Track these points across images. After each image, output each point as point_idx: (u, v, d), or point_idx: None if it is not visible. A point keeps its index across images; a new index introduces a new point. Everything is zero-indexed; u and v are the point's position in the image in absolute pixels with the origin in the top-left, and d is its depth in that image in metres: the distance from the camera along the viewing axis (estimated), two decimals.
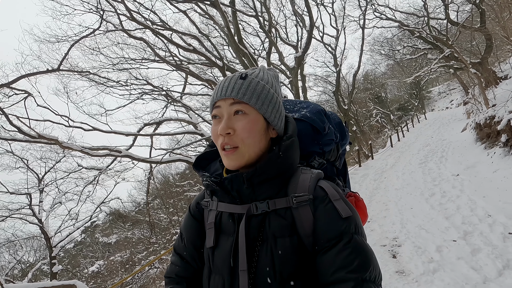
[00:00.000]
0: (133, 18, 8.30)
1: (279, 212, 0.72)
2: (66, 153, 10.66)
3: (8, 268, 13.70)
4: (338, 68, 15.58)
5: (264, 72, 0.80)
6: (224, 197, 0.77)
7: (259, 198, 0.74)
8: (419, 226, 4.51)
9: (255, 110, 0.74)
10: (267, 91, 0.76)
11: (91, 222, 15.94)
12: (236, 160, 0.73)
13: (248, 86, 0.74)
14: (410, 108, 30.63)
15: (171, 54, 10.48)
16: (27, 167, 11.21)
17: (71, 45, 7.35)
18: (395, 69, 29.87)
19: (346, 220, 0.68)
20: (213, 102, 0.77)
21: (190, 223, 0.87)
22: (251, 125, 0.73)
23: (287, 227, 0.70)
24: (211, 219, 0.80)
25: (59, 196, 12.20)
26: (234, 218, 0.75)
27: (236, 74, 0.77)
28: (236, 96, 0.73)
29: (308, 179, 0.74)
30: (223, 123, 0.72)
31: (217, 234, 0.77)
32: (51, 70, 7.03)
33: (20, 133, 6.61)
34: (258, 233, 0.72)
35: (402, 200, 6.03)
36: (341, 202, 0.70)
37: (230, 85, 0.74)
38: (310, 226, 0.70)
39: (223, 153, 0.74)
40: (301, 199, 0.71)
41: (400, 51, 21.15)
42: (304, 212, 0.71)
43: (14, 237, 12.14)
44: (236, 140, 0.72)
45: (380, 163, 11.28)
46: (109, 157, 8.98)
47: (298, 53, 9.67)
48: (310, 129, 0.88)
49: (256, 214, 0.73)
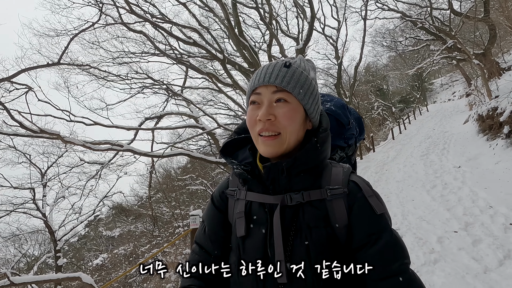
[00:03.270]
0: (132, 11, 8.22)
1: (314, 204, 0.72)
2: (68, 148, 10.68)
3: (14, 262, 13.91)
4: (340, 60, 15.44)
5: (304, 62, 0.79)
6: (255, 187, 0.76)
7: (293, 188, 0.73)
8: (420, 217, 4.53)
9: (297, 100, 0.73)
10: (310, 82, 0.75)
11: (94, 216, 16.06)
12: (275, 146, 0.72)
13: (293, 75, 0.73)
14: (412, 100, 30.44)
15: (171, 48, 10.40)
16: (29, 162, 11.26)
17: (70, 38, 7.30)
18: (397, 61, 29.59)
19: (381, 216, 0.70)
20: (253, 88, 0.75)
21: (213, 213, 0.86)
22: (292, 113, 0.72)
23: (322, 218, 0.71)
24: (240, 208, 0.78)
25: (62, 191, 12.29)
26: (266, 208, 0.74)
27: (279, 61, 0.76)
28: (280, 84, 0.72)
29: (341, 173, 0.75)
30: (264, 109, 0.71)
31: (248, 224, 0.76)
32: (51, 64, 7.01)
33: (22, 128, 6.62)
34: (291, 224, 0.71)
35: (404, 192, 6.04)
36: (374, 198, 0.72)
37: (274, 72, 0.73)
38: (343, 220, 0.70)
39: (260, 139, 0.72)
40: (336, 192, 0.72)
41: (402, 42, 20.90)
42: (338, 205, 0.71)
43: (19, 231, 12.27)
44: (278, 126, 0.71)
45: (381, 156, 11.28)
46: (111, 151, 9.00)
47: (299, 46, 9.58)
48: (335, 123, 0.88)
49: (290, 205, 0.72)
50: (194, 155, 10.07)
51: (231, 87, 10.97)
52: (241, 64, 10.48)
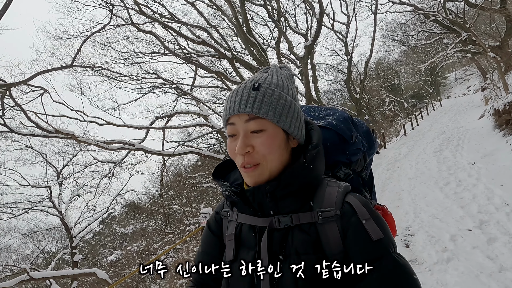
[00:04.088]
0: (142, 12, 8.34)
1: (303, 227, 0.67)
2: (82, 147, 10.97)
3: (33, 257, 14.43)
4: (349, 56, 15.24)
5: (277, 75, 0.73)
6: (245, 209, 0.73)
7: (282, 211, 0.69)
8: (433, 215, 4.45)
9: (273, 123, 0.68)
10: (284, 100, 0.69)
11: (108, 214, 16.47)
12: (258, 177, 0.68)
13: (263, 98, 0.67)
14: (424, 95, 29.75)
15: (180, 47, 10.50)
16: (46, 161, 11.61)
17: (83, 41, 7.48)
18: (409, 55, 28.96)
19: (378, 242, 0.63)
20: (226, 118, 0.71)
21: (207, 236, 0.84)
22: (270, 140, 0.68)
23: (312, 243, 0.66)
24: (230, 231, 0.76)
25: (77, 189, 12.64)
26: (256, 231, 0.71)
27: (247, 84, 0.70)
28: (251, 111, 0.67)
29: (335, 193, 0.69)
30: (240, 142, 0.67)
31: (237, 247, 0.73)
32: (65, 67, 7.20)
33: (38, 128, 6.84)
34: (280, 249, 0.68)
35: (416, 190, 5.94)
36: (371, 222, 0.65)
37: (243, 99, 0.68)
38: (337, 245, 0.65)
39: (243, 170, 0.69)
40: (328, 215, 0.66)
41: (414, 36, 20.43)
42: (330, 229, 0.66)
43: (37, 228, 12.71)
44: (257, 157, 0.68)
45: (393, 152, 11.10)
46: (123, 150, 9.20)
47: (307, 42, 9.50)
48: (336, 138, 0.83)
49: (279, 229, 0.68)
50: (204, 153, 10.18)
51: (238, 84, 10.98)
52: (249, 62, 10.48)
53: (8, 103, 6.54)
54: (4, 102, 5.86)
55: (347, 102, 24.09)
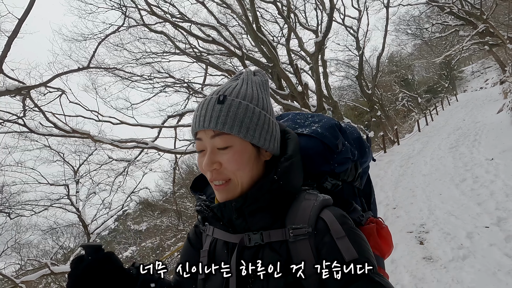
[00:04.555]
0: (153, 12, 8.46)
1: (274, 246, 0.63)
2: (98, 146, 11.26)
3: (52, 253, 14.98)
4: (361, 51, 14.98)
5: (247, 83, 0.69)
6: (216, 224, 0.70)
7: (252, 228, 0.65)
8: (448, 212, 4.36)
9: (240, 138, 0.65)
10: (251, 113, 0.65)
11: (122, 211, 16.88)
12: (228, 193, 0.65)
13: (228, 112, 0.63)
14: (439, 90, 28.97)
15: (191, 46, 10.61)
16: (63, 160, 11.98)
17: (98, 43, 7.67)
18: (423, 49, 28.16)
19: (353, 263, 0.57)
20: (194, 133, 0.69)
21: (186, 248, 0.81)
22: (237, 156, 0.64)
23: (281, 264, 0.61)
24: (206, 247, 0.74)
25: (93, 187, 13.01)
26: (228, 247, 0.68)
27: (213, 96, 0.66)
28: (215, 127, 0.63)
29: (310, 208, 0.63)
30: (206, 159, 0.64)
31: (210, 264, 0.69)
32: (81, 68, 7.41)
33: (56, 128, 7.08)
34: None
35: (430, 186, 5.83)
36: (345, 241, 0.59)
37: (207, 114, 0.64)
38: (309, 265, 0.60)
39: (213, 186, 0.67)
40: (299, 232, 0.61)
41: (429, 29, 19.86)
42: (302, 248, 0.61)
43: (56, 224, 13.18)
44: (226, 172, 0.65)
45: (406, 149, 10.89)
46: (136, 149, 9.39)
47: (318, 38, 9.41)
48: (321, 147, 0.77)
49: (249, 246, 0.65)
50: None
51: None
52: (259, 60, 10.48)
53: (28, 104, 6.79)
54: (26, 104, 6.09)
55: (359, 98, 23.72)
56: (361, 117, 23.64)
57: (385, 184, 6.87)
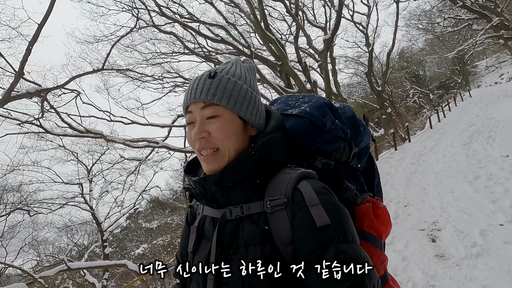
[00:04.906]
0: (163, 13, 8.58)
1: (253, 218, 0.65)
2: (110, 146, 11.51)
3: (67, 250, 15.41)
4: (370, 47, 14.80)
5: (237, 66, 0.74)
6: (202, 201, 0.73)
7: (233, 202, 0.68)
8: (461, 210, 4.30)
9: (228, 110, 0.68)
10: (239, 88, 0.70)
11: (134, 209, 17.20)
12: (216, 163, 0.68)
13: (218, 85, 0.68)
14: (452, 85, 28.33)
15: (200, 46, 10.71)
16: (77, 159, 12.29)
17: (111, 45, 7.83)
18: (435, 44, 27.57)
19: (324, 229, 0.57)
20: (185, 107, 0.72)
21: (184, 229, 0.85)
22: (225, 125, 0.68)
23: (259, 234, 0.63)
24: (195, 223, 0.77)
25: (106, 185, 13.31)
26: (215, 222, 0.70)
27: (205, 73, 0.71)
28: (206, 98, 0.67)
29: (288, 180, 0.65)
30: (196, 128, 0.68)
31: (199, 239, 0.74)
32: (96, 70, 7.58)
33: (70, 128, 7.28)
34: (232, 241, 0.66)
35: (443, 184, 5.75)
36: (319, 207, 0.59)
37: (199, 87, 0.69)
38: (287, 235, 0.61)
39: (201, 158, 0.70)
40: (276, 203, 0.63)
41: (441, 23, 19.38)
42: (280, 218, 0.62)
43: (70, 222, 13.55)
44: (214, 141, 0.68)
45: (418, 146, 10.73)
46: (147, 148, 9.57)
47: (327, 35, 9.35)
48: (309, 125, 0.77)
49: (231, 219, 0.67)
50: None
51: (258, 81, 11.04)
52: (268, 58, 10.49)
53: (44, 106, 6.99)
54: (44, 105, 6.29)
55: (369, 95, 23.44)
56: (371, 114, 23.36)
57: (396, 182, 6.80)
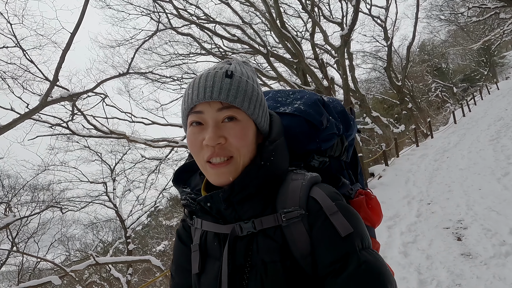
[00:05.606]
0: (181, 16, 8.78)
1: (268, 233, 0.60)
2: (131, 146, 11.94)
3: (93, 246, 16.14)
4: (389, 41, 14.40)
5: (243, 67, 0.68)
6: (205, 217, 0.67)
7: (243, 217, 0.62)
8: (488, 208, 4.15)
9: (246, 115, 0.62)
10: (257, 92, 0.65)
11: (154, 207, 17.72)
12: (229, 173, 0.60)
13: (238, 87, 0.61)
14: (478, 78, 26.99)
15: (216, 46, 10.86)
16: (101, 159, 12.84)
17: (135, 50, 8.14)
18: (458, 35, 26.33)
19: (347, 238, 0.56)
20: (192, 105, 0.62)
21: (177, 245, 0.77)
22: (244, 132, 0.61)
23: (278, 249, 0.59)
24: (196, 240, 0.70)
25: (128, 184, 13.82)
26: (220, 239, 0.65)
27: (218, 70, 0.63)
28: (226, 99, 0.60)
29: (299, 188, 0.61)
30: (211, 132, 0.59)
31: (203, 258, 0.67)
32: (122, 74, 7.91)
33: (95, 130, 7.62)
34: (245, 258, 0.61)
35: (468, 181, 5.55)
36: (338, 216, 0.57)
37: (216, 85, 0.60)
38: (306, 247, 0.58)
39: (209, 167, 0.61)
40: (291, 216, 0.59)
41: (464, 13, 18.52)
42: (297, 231, 0.59)
43: (96, 219, 14.19)
44: (230, 148, 0.60)
45: (441, 142, 10.37)
46: (167, 148, 9.85)
47: (344, 31, 9.20)
48: (305, 125, 0.74)
49: (242, 236, 0.61)
50: None
51: (275, 80, 11.05)
52: (283, 56, 10.47)
53: (69, 108, 7.36)
54: (74, 109, 6.64)
55: (388, 91, 22.80)
56: (391, 110, 22.74)
57: (418, 179, 6.62)
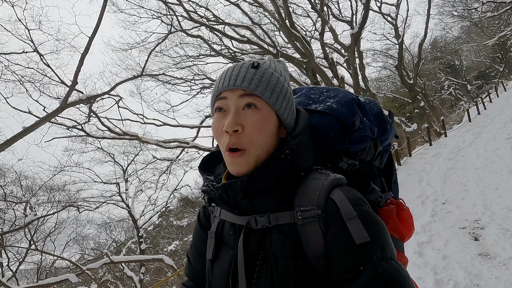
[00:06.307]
0: (191, 18, 8.89)
1: (282, 229, 0.60)
2: (143, 147, 12.14)
3: (107, 245, 16.47)
4: (400, 39, 14.19)
5: (275, 63, 0.69)
6: (223, 206, 0.68)
7: (259, 210, 0.62)
8: (507, 207, 4.05)
9: (268, 105, 0.62)
10: (282, 84, 0.65)
11: (165, 207, 17.93)
12: (243, 164, 0.61)
13: (262, 77, 0.62)
14: (493, 75, 26.25)
15: (226, 47, 10.94)
16: (114, 160, 13.09)
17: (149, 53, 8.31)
18: (472, 31, 25.66)
19: (362, 247, 0.53)
20: (218, 93, 0.64)
21: (197, 230, 0.79)
22: (263, 122, 0.61)
23: (291, 247, 0.58)
24: (213, 228, 0.71)
25: (140, 185, 14.05)
26: (236, 229, 0.65)
27: (245, 62, 0.65)
28: (248, 87, 0.61)
29: (319, 188, 0.59)
30: (230, 118, 0.60)
31: (218, 245, 0.68)
32: (136, 76, 8.07)
33: (109, 131, 7.79)
34: (258, 251, 0.61)
35: (485, 180, 5.42)
36: (356, 222, 0.55)
37: (240, 74, 0.62)
38: (320, 248, 0.57)
39: (227, 154, 0.62)
40: (308, 215, 0.58)
41: (478, 9, 18.06)
42: (312, 230, 0.58)
43: (109, 219, 14.48)
44: (244, 140, 0.60)
45: (455, 141, 10.14)
46: (178, 148, 9.97)
47: (354, 30, 9.13)
48: (336, 124, 0.71)
49: (256, 229, 0.62)
50: None
51: None
52: (293, 56, 10.46)
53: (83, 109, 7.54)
54: (91, 111, 6.81)
55: (399, 89, 22.43)
56: (402, 108, 22.38)
57: (432, 179, 6.50)
